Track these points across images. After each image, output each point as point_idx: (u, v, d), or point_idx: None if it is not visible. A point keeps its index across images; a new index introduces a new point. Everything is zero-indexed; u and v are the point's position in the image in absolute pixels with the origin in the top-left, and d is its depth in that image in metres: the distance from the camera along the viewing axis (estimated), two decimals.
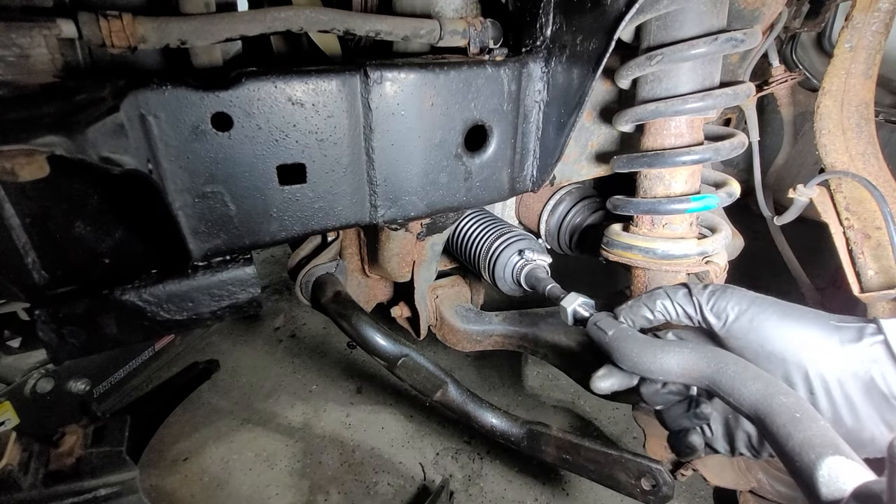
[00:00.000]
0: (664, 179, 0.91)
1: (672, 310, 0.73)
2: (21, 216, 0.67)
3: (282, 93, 0.68)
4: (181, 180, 0.67)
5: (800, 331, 0.63)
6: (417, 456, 2.02)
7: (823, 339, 0.61)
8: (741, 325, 0.66)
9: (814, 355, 0.61)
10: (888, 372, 0.57)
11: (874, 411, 0.59)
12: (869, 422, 0.59)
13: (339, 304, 1.12)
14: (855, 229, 1.05)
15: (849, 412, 0.60)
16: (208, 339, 2.62)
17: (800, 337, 0.62)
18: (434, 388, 1.08)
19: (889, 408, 0.58)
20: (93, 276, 0.76)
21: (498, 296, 1.31)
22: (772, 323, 0.64)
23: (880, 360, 0.58)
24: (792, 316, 0.64)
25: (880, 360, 0.58)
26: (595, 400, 2.26)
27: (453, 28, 0.80)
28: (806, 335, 0.62)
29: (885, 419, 0.59)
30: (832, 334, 0.61)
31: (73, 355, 0.73)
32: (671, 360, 0.74)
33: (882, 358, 0.58)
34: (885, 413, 0.59)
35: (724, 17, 0.82)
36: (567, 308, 0.92)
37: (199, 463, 1.96)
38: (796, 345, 0.62)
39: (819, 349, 0.61)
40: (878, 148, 1.02)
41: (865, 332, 0.60)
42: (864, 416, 0.60)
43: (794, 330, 0.63)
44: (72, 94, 0.61)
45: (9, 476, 0.85)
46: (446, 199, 0.87)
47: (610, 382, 0.76)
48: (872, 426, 0.59)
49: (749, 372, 0.66)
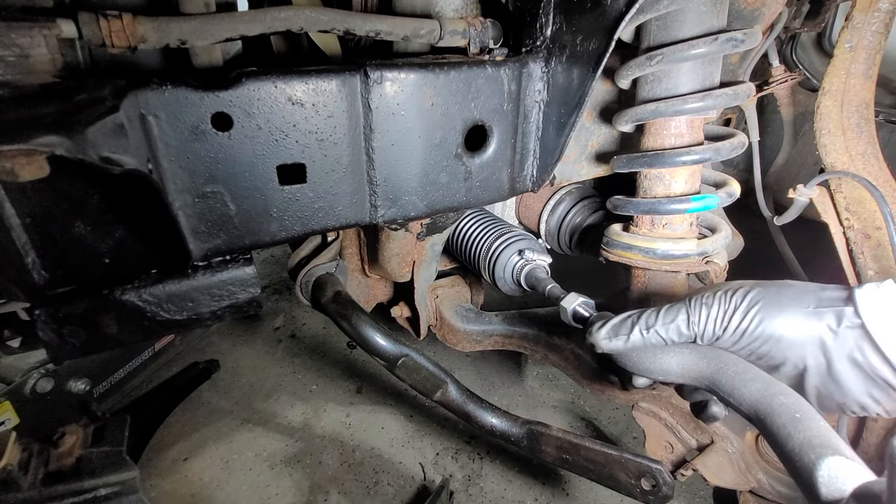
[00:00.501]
0: (664, 179, 0.91)
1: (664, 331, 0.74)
2: (21, 216, 0.67)
3: (282, 93, 0.68)
4: (181, 180, 0.67)
5: (785, 328, 0.66)
6: (417, 456, 2.02)
7: (808, 330, 0.65)
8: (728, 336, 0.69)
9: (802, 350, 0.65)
10: (871, 355, 0.61)
11: (864, 391, 0.64)
12: (855, 394, 0.64)
13: (339, 304, 1.12)
14: (855, 229, 1.05)
15: (837, 389, 0.65)
16: (208, 339, 2.62)
17: (786, 334, 0.66)
18: (434, 387, 1.08)
19: (872, 383, 0.63)
20: (93, 275, 0.76)
21: (498, 296, 1.31)
22: (761, 329, 0.67)
23: (862, 345, 0.62)
24: (773, 314, 0.67)
25: (862, 345, 0.62)
26: (595, 400, 2.26)
27: (453, 28, 0.80)
28: (792, 330, 0.66)
29: (870, 392, 0.64)
30: (815, 324, 0.64)
31: (73, 355, 0.73)
32: (671, 360, 0.74)
33: (863, 343, 0.62)
34: (870, 387, 0.63)
35: (724, 17, 0.82)
36: (567, 308, 0.92)
37: (199, 463, 1.96)
38: (784, 342, 0.66)
39: (805, 342, 0.65)
40: (878, 148, 1.02)
41: (844, 316, 0.63)
42: (850, 391, 0.64)
43: (780, 328, 0.66)
44: (72, 94, 0.61)
45: (8, 476, 0.85)
46: (446, 199, 0.87)
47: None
48: (858, 397, 0.65)
49: (749, 373, 0.66)
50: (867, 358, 0.61)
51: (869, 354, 0.61)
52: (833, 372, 0.64)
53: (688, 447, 1.07)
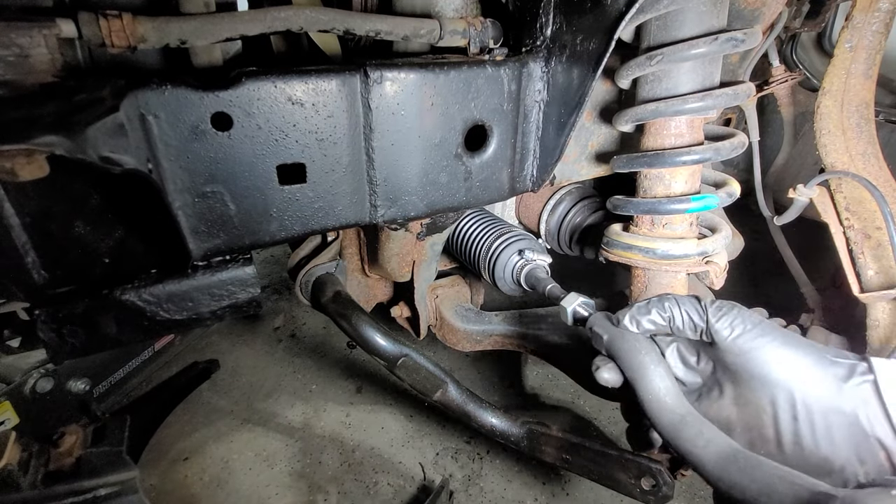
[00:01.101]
0: (664, 179, 0.91)
1: (679, 317, 0.73)
2: (21, 216, 0.67)
3: (282, 92, 0.68)
4: (181, 180, 0.67)
5: (796, 360, 0.65)
6: (417, 456, 2.02)
7: (817, 371, 0.63)
8: (743, 342, 0.68)
9: (804, 385, 0.64)
10: (873, 413, 0.60)
11: (851, 446, 0.62)
12: (844, 453, 0.62)
13: (338, 304, 1.12)
14: (855, 229, 1.05)
15: (827, 443, 0.63)
16: (208, 339, 2.61)
17: (795, 365, 0.65)
18: (434, 387, 1.08)
19: (867, 446, 0.61)
20: (93, 275, 0.76)
21: (498, 296, 1.31)
22: (772, 347, 0.66)
23: (868, 400, 0.60)
24: (791, 344, 0.66)
25: (868, 400, 0.60)
26: (595, 400, 2.26)
27: (453, 28, 0.80)
28: (800, 365, 0.64)
29: (859, 454, 0.61)
30: (826, 368, 0.63)
31: (72, 355, 0.73)
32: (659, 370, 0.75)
33: (870, 398, 0.60)
34: (862, 450, 0.61)
35: (724, 16, 0.81)
36: (567, 308, 0.92)
37: (199, 462, 1.96)
38: (790, 372, 0.65)
39: (810, 381, 0.64)
40: (878, 148, 1.02)
41: (857, 370, 0.62)
42: (840, 449, 0.62)
43: (791, 358, 0.65)
44: (72, 93, 0.61)
45: (8, 476, 0.85)
46: (446, 198, 0.87)
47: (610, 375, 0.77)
48: (846, 457, 0.62)
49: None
50: (869, 417, 0.60)
51: (872, 413, 0.60)
52: (828, 421, 0.62)
53: None
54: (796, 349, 0.65)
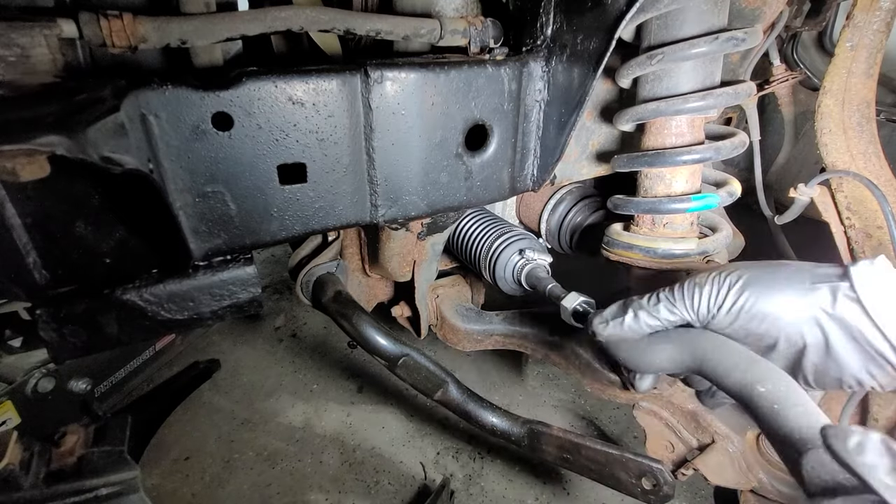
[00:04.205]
0: (665, 179, 0.91)
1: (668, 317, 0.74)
2: (22, 216, 0.67)
3: (282, 92, 0.68)
4: (182, 180, 0.67)
5: (782, 303, 0.66)
6: (418, 455, 2.03)
7: (803, 305, 0.65)
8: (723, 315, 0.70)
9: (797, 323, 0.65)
10: (864, 326, 0.61)
11: (857, 361, 0.64)
12: (852, 370, 0.65)
13: (339, 304, 1.12)
14: (856, 229, 1.05)
15: (834, 366, 0.66)
16: (209, 339, 2.62)
17: (783, 309, 0.66)
18: (435, 387, 1.08)
19: (869, 358, 0.63)
20: (94, 275, 0.76)
21: (499, 295, 1.31)
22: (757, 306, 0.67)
23: (858, 318, 0.62)
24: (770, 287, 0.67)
25: (858, 318, 0.62)
26: (596, 399, 2.26)
27: (454, 27, 0.80)
28: (788, 306, 0.66)
29: (866, 367, 0.64)
30: (810, 299, 0.64)
31: (74, 355, 0.73)
32: (660, 353, 0.76)
33: (857, 315, 0.62)
34: (867, 362, 0.64)
35: (724, 16, 0.81)
36: (568, 307, 0.92)
37: (200, 462, 1.96)
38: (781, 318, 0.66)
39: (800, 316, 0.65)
40: (879, 147, 1.02)
41: (839, 291, 0.63)
42: (847, 367, 0.65)
43: (777, 305, 0.66)
44: (72, 93, 0.61)
45: (10, 475, 0.85)
46: (447, 198, 0.87)
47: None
48: (855, 373, 0.65)
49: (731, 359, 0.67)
50: (863, 333, 0.61)
51: (865, 329, 0.61)
52: (830, 348, 0.64)
53: (688, 446, 1.07)
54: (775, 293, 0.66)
